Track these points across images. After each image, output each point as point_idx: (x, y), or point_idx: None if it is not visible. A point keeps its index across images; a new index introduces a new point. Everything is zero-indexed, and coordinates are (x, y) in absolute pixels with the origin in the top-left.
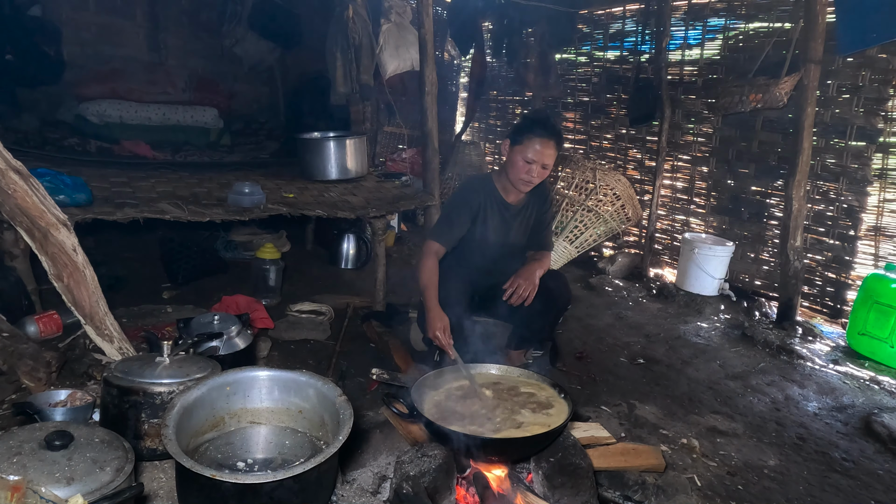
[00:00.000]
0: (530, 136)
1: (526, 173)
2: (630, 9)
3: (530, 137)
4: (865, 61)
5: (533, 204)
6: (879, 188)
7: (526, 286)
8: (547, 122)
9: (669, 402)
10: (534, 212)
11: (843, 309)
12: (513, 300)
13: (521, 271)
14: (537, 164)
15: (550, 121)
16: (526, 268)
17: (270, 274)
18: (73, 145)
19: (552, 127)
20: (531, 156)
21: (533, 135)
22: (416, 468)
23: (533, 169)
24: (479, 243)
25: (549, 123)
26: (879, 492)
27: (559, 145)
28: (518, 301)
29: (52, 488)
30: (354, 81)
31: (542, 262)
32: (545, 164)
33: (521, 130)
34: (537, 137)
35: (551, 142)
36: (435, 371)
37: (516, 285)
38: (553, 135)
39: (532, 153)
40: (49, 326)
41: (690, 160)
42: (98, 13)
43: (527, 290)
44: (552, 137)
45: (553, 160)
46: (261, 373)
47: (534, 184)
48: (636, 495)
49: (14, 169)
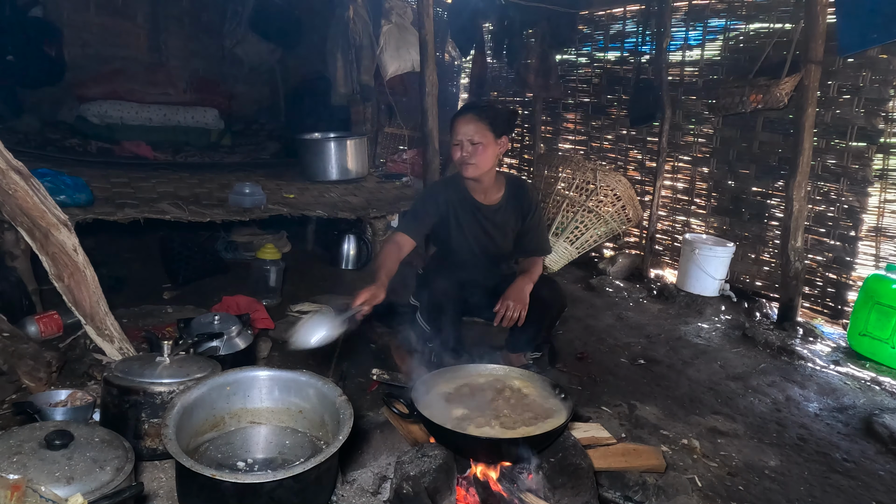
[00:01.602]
0: (452, 121)
1: (459, 155)
2: (631, 10)
3: (452, 123)
4: (866, 62)
5: (511, 205)
6: (880, 189)
7: (515, 307)
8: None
9: (670, 403)
10: (515, 215)
11: (844, 310)
12: (504, 323)
13: (510, 291)
14: (464, 143)
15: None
16: (514, 286)
17: (271, 274)
18: (73, 146)
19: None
20: (456, 137)
21: (453, 119)
22: (417, 468)
23: (462, 147)
24: (460, 246)
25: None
26: (880, 492)
27: (480, 116)
28: (509, 323)
29: (52, 487)
30: (355, 82)
31: (532, 273)
32: (471, 139)
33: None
34: (455, 119)
35: (468, 115)
36: (436, 371)
37: (505, 307)
38: (467, 109)
39: (456, 135)
40: (49, 326)
41: (691, 161)
42: (99, 14)
43: (517, 311)
44: (468, 111)
45: (479, 133)
46: (261, 373)
47: (472, 164)
48: (637, 496)
49: (15, 169)
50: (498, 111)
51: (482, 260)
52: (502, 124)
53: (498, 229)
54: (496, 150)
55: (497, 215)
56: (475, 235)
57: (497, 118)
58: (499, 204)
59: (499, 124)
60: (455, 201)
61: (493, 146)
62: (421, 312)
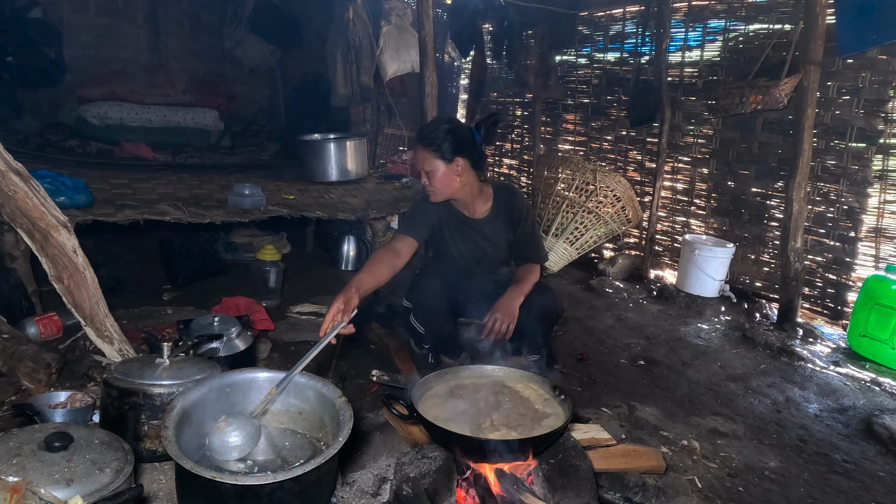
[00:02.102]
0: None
1: (425, 185)
2: (630, 10)
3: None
4: (865, 63)
5: (503, 216)
6: (880, 189)
7: (503, 320)
8: (418, 133)
9: (670, 404)
10: (506, 225)
11: (844, 310)
12: (492, 336)
13: (498, 304)
14: (423, 173)
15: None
16: (503, 299)
17: (270, 275)
18: (73, 147)
19: (420, 133)
20: (417, 167)
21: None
22: (416, 470)
23: (423, 178)
24: (453, 257)
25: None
26: (880, 493)
27: (424, 145)
28: (497, 337)
29: (52, 490)
30: (355, 83)
31: (525, 283)
32: (425, 170)
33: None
34: (414, 150)
35: (417, 146)
36: (436, 372)
37: (493, 321)
38: (418, 140)
39: (417, 165)
40: (49, 328)
41: (691, 162)
42: (99, 15)
43: (504, 324)
44: (417, 142)
45: (426, 161)
46: (260, 374)
47: (432, 191)
48: (636, 497)
49: (15, 171)
50: (445, 134)
51: (477, 269)
52: (452, 146)
53: (488, 242)
54: (451, 173)
55: (486, 228)
56: (466, 248)
57: (444, 142)
58: (487, 217)
59: (447, 148)
60: (445, 215)
61: (444, 170)
62: (414, 314)
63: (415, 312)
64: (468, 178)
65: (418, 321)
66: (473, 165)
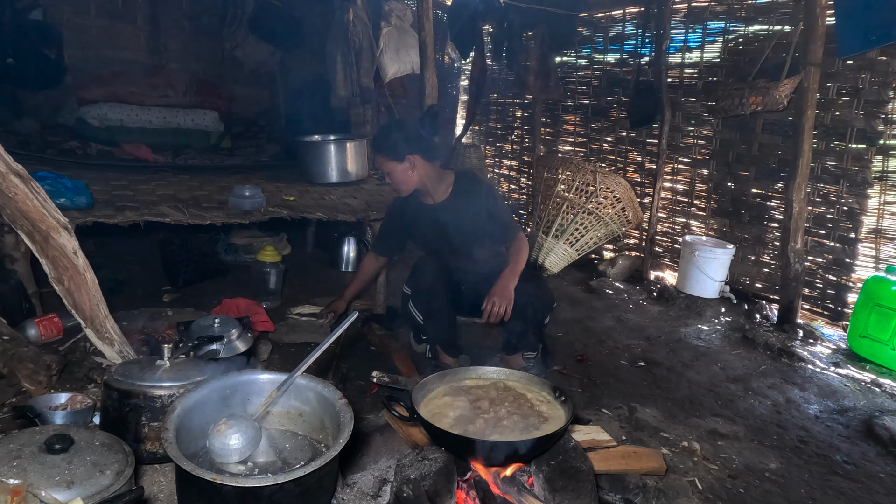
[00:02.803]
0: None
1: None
2: (630, 12)
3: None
4: (865, 64)
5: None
6: (880, 191)
7: (500, 303)
8: (374, 139)
9: (670, 405)
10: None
11: (844, 311)
12: (491, 319)
13: (494, 288)
14: (386, 175)
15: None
16: (498, 283)
17: (271, 277)
18: (73, 148)
19: (374, 140)
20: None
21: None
22: (417, 471)
23: (387, 177)
24: (426, 245)
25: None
26: (881, 495)
27: (376, 150)
28: (496, 319)
29: (52, 492)
30: (355, 84)
31: (515, 264)
32: (385, 171)
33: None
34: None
35: (375, 153)
36: (436, 374)
37: (491, 304)
38: (373, 148)
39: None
40: (49, 330)
41: (691, 163)
42: (99, 17)
43: (501, 307)
44: (374, 150)
45: (388, 167)
46: (261, 376)
47: (398, 189)
48: (637, 498)
49: (15, 172)
50: (393, 138)
51: (453, 255)
52: (401, 147)
53: (450, 223)
54: (406, 169)
55: (446, 210)
56: (431, 233)
57: (393, 145)
58: (446, 200)
59: (395, 149)
60: (412, 207)
61: (399, 169)
62: (413, 301)
63: (413, 299)
64: (424, 170)
65: (417, 308)
66: (426, 158)
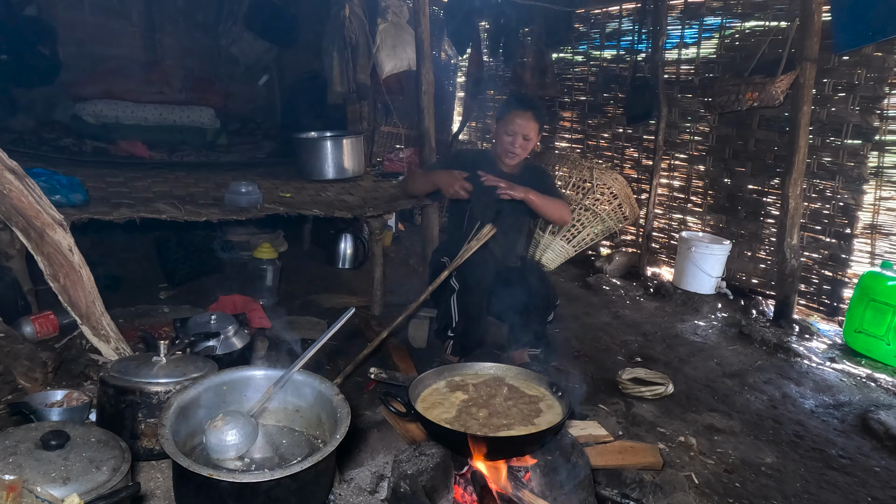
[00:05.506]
0: (511, 110)
1: (509, 145)
2: (626, 8)
3: (511, 112)
4: (861, 59)
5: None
6: (875, 186)
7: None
8: (525, 98)
9: (667, 401)
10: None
11: (840, 307)
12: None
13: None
14: (518, 136)
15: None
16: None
17: (267, 273)
18: (68, 145)
19: (530, 101)
20: (511, 128)
21: (513, 109)
22: (414, 467)
23: (515, 140)
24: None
25: (528, 99)
26: (876, 488)
27: (538, 118)
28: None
29: (48, 488)
30: (351, 81)
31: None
32: (525, 134)
33: (503, 107)
34: (516, 111)
35: (528, 113)
36: (433, 369)
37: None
38: (530, 107)
39: (512, 126)
40: (45, 327)
41: (687, 159)
42: (93, 13)
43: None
44: (529, 109)
45: (533, 132)
46: (257, 372)
47: (517, 155)
48: (634, 493)
49: (10, 169)
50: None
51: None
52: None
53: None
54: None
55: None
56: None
57: (544, 119)
58: (517, 172)
59: (544, 123)
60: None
61: (536, 141)
62: (458, 296)
63: (459, 294)
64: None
65: (458, 306)
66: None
